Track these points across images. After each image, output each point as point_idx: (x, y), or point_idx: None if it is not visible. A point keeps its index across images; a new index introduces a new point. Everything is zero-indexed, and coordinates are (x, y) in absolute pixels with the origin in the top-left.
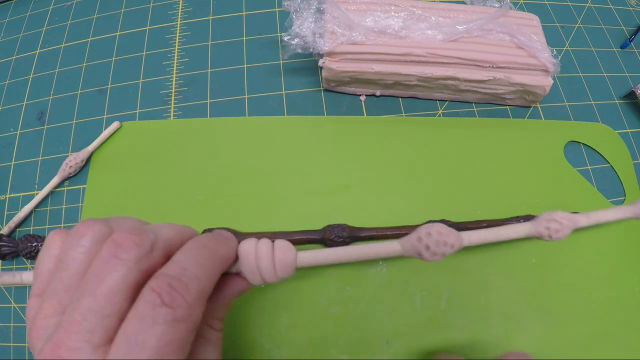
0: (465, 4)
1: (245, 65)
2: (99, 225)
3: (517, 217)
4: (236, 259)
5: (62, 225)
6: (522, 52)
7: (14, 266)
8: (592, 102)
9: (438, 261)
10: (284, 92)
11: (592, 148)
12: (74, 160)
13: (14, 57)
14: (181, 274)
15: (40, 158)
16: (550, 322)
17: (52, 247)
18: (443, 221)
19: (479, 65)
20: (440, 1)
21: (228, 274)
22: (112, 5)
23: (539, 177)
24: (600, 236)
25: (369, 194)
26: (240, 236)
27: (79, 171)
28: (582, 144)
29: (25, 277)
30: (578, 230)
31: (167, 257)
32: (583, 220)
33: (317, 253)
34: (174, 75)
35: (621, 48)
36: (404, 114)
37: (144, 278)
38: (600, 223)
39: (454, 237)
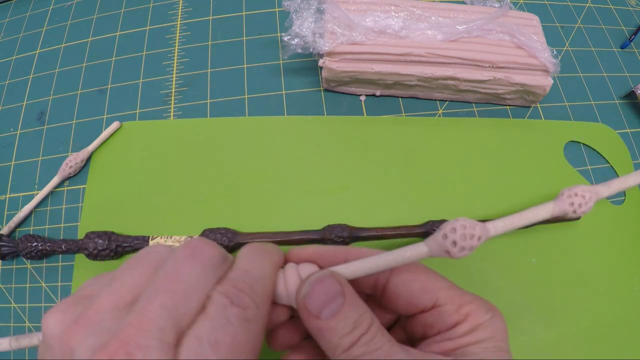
0: (465, 4)
1: (245, 65)
2: (166, 245)
3: None
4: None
5: (62, 225)
6: (522, 52)
7: (14, 266)
8: (592, 102)
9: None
10: (284, 92)
11: (592, 148)
12: (74, 160)
13: (14, 57)
14: (245, 275)
15: (40, 158)
16: (550, 322)
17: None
18: (443, 221)
19: (479, 65)
20: (440, 1)
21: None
22: (112, 5)
23: (539, 177)
24: (600, 236)
25: (369, 194)
26: (240, 236)
27: (79, 171)
28: (582, 144)
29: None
30: (578, 230)
31: None
32: (604, 190)
33: (343, 269)
34: (174, 75)
35: (621, 48)
36: (404, 114)
37: (214, 286)
38: (622, 190)
39: (480, 229)
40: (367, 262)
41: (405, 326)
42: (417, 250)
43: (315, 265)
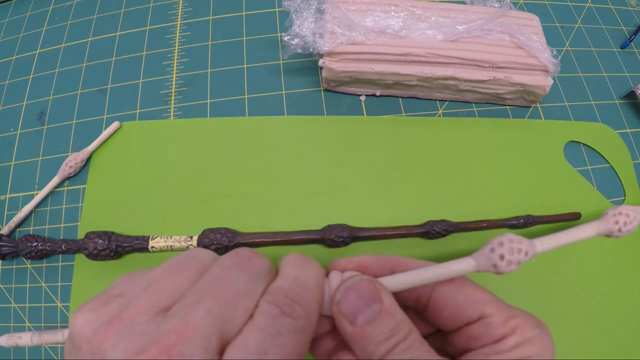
0: (465, 4)
1: (245, 65)
2: (210, 250)
3: (517, 217)
4: None
5: (62, 225)
6: (522, 52)
7: (14, 266)
8: (592, 102)
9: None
10: (284, 92)
11: (592, 148)
12: (74, 160)
13: (14, 57)
14: (293, 284)
15: (40, 158)
16: (550, 322)
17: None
18: (443, 221)
19: (479, 65)
20: (440, 1)
21: None
22: (112, 5)
23: (539, 177)
24: (600, 236)
25: (368, 194)
26: (240, 236)
27: (79, 171)
28: (582, 144)
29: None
30: None
31: None
32: None
33: (387, 280)
34: (174, 75)
35: (621, 48)
36: (404, 114)
37: (262, 296)
38: None
39: (527, 244)
40: (412, 275)
41: (446, 339)
42: (464, 264)
43: (358, 273)
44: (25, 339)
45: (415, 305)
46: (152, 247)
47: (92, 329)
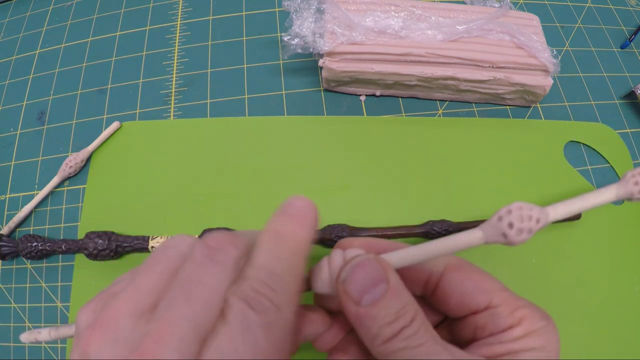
0: (465, 4)
1: (245, 65)
2: (188, 236)
3: None
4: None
5: (62, 225)
6: (522, 52)
7: (14, 266)
8: (592, 102)
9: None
10: (284, 92)
11: (592, 148)
12: (74, 160)
13: (14, 57)
14: (262, 274)
15: (40, 158)
16: None
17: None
18: (443, 221)
19: (479, 65)
20: (440, 1)
21: (307, 309)
22: (112, 5)
23: (539, 177)
24: (600, 236)
25: (368, 194)
26: None
27: (79, 171)
28: (582, 144)
29: (63, 331)
30: (578, 229)
31: None
32: None
33: (391, 256)
34: (174, 75)
35: (621, 48)
36: (404, 114)
37: (232, 286)
38: None
39: (538, 211)
40: (416, 249)
41: (452, 329)
42: (471, 235)
43: (363, 251)
44: (44, 334)
45: (423, 292)
46: (152, 247)
47: (85, 326)
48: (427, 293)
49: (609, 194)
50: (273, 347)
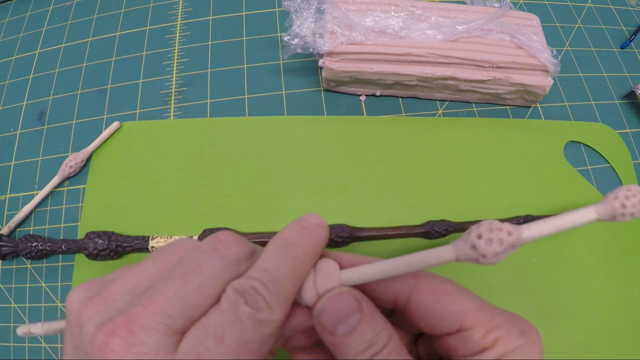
0: (465, 4)
1: (245, 65)
2: (195, 239)
3: (517, 216)
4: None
5: (62, 225)
6: (522, 52)
7: (14, 266)
8: (592, 102)
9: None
10: (284, 92)
11: (592, 148)
12: (74, 160)
13: (14, 57)
14: (263, 276)
15: (40, 158)
16: (550, 322)
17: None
18: (443, 221)
19: (479, 65)
20: (440, 1)
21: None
22: (112, 5)
23: (539, 177)
24: (600, 236)
25: (368, 194)
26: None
27: (79, 171)
28: (582, 144)
29: (55, 326)
30: (578, 229)
31: None
32: None
33: (353, 272)
34: (174, 75)
35: (621, 48)
36: (404, 114)
37: (232, 280)
38: None
39: (509, 225)
40: (382, 265)
41: (433, 341)
42: (441, 251)
43: (334, 262)
44: (37, 327)
45: (394, 308)
46: (152, 247)
47: (78, 303)
48: (398, 310)
49: (589, 214)
50: (257, 342)
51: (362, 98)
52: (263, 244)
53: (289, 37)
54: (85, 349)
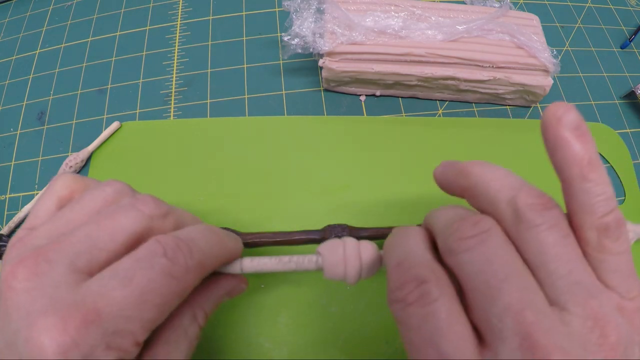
0: (465, 4)
1: (245, 65)
2: (123, 183)
3: None
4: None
5: None
6: (522, 52)
7: None
8: (592, 102)
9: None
10: (284, 92)
11: None
12: (74, 160)
13: (14, 57)
14: (189, 240)
15: (40, 158)
16: None
17: (59, 188)
18: None
19: (479, 65)
20: (440, 1)
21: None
22: (112, 5)
23: (539, 177)
24: None
25: (369, 194)
26: (240, 236)
27: (79, 171)
28: None
29: None
30: None
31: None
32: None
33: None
34: (174, 75)
35: (621, 48)
36: (404, 114)
37: (149, 236)
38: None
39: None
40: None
41: None
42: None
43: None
44: None
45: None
46: None
47: (7, 249)
48: None
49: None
50: (162, 296)
51: (362, 98)
52: (263, 244)
53: (289, 37)
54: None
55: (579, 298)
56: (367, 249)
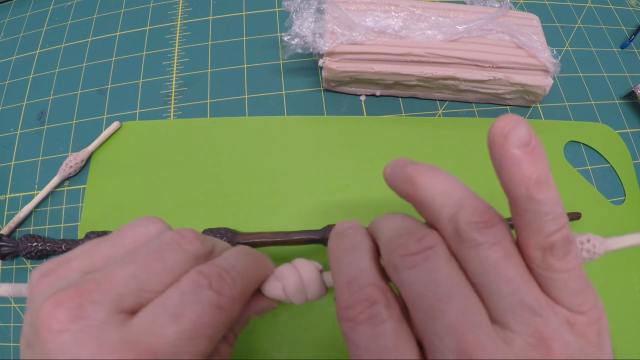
0: (465, 4)
1: (245, 65)
2: (161, 221)
3: None
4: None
5: (62, 225)
6: (522, 52)
7: (14, 266)
8: (592, 102)
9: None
10: (284, 92)
11: (592, 148)
12: (74, 160)
13: (14, 57)
14: (230, 268)
15: (40, 158)
16: None
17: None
18: None
19: (479, 65)
20: (440, 1)
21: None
22: (112, 5)
23: None
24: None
25: (369, 194)
26: (240, 236)
27: (79, 171)
28: (582, 144)
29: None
30: (578, 230)
31: None
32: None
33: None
34: (174, 75)
35: (621, 48)
36: (404, 114)
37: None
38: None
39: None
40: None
41: None
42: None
43: (316, 263)
44: (4, 287)
45: None
46: None
47: (35, 279)
48: None
49: None
50: (212, 328)
51: (362, 98)
52: (263, 244)
53: (289, 37)
54: (33, 320)
55: (521, 317)
56: (307, 269)
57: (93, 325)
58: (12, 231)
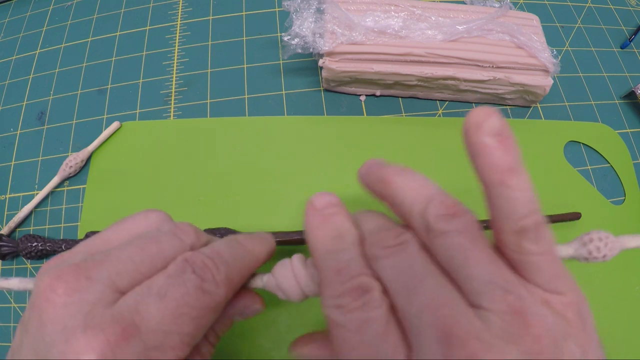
0: (465, 4)
1: (245, 65)
2: (162, 212)
3: None
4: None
5: (62, 225)
6: (522, 52)
7: (14, 266)
8: (592, 102)
9: None
10: (284, 92)
11: (592, 148)
12: (74, 160)
13: (14, 57)
14: (215, 255)
15: (40, 158)
16: None
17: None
18: None
19: (479, 65)
20: (440, 1)
21: (244, 289)
22: (112, 5)
23: (539, 177)
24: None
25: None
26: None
27: (79, 171)
28: (582, 144)
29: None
30: (578, 229)
31: None
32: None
33: None
34: (174, 75)
35: (621, 48)
36: (404, 114)
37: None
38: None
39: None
40: None
41: None
42: (563, 249)
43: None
44: (14, 281)
45: None
46: None
47: (44, 268)
48: None
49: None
50: (196, 310)
51: (362, 98)
52: None
53: (289, 37)
54: (33, 296)
55: (494, 296)
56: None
57: (86, 299)
58: (12, 231)
